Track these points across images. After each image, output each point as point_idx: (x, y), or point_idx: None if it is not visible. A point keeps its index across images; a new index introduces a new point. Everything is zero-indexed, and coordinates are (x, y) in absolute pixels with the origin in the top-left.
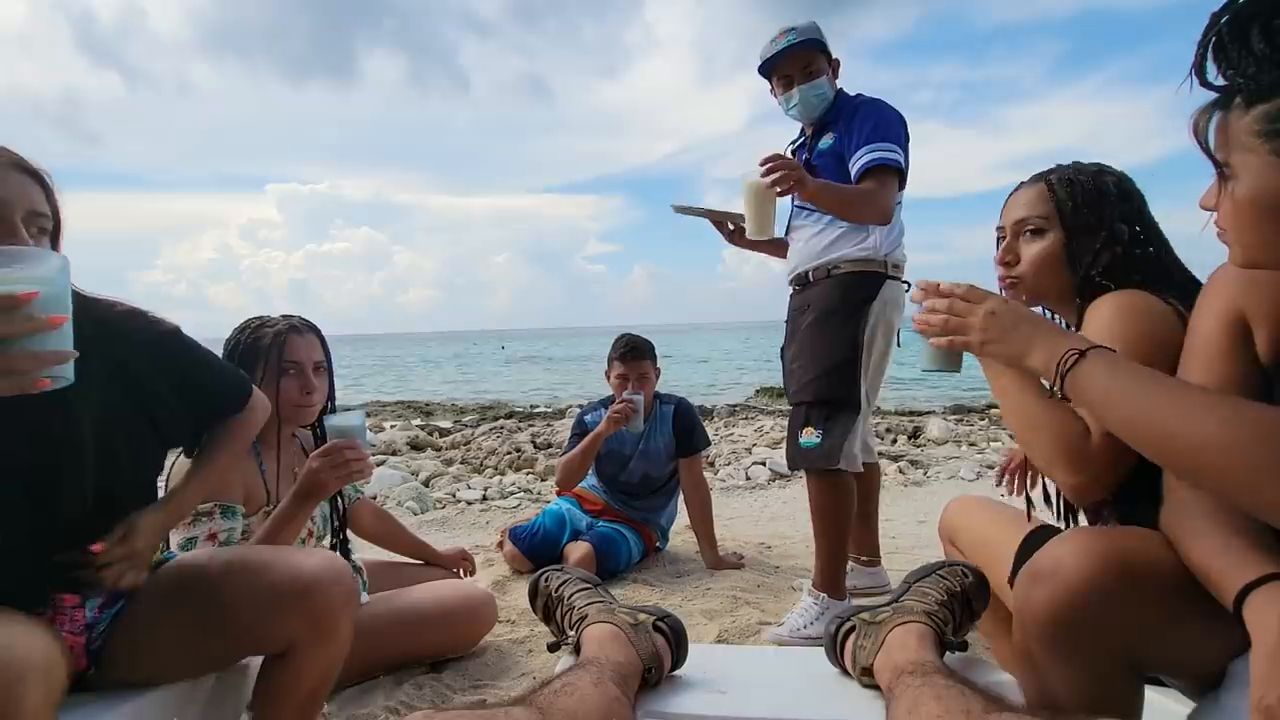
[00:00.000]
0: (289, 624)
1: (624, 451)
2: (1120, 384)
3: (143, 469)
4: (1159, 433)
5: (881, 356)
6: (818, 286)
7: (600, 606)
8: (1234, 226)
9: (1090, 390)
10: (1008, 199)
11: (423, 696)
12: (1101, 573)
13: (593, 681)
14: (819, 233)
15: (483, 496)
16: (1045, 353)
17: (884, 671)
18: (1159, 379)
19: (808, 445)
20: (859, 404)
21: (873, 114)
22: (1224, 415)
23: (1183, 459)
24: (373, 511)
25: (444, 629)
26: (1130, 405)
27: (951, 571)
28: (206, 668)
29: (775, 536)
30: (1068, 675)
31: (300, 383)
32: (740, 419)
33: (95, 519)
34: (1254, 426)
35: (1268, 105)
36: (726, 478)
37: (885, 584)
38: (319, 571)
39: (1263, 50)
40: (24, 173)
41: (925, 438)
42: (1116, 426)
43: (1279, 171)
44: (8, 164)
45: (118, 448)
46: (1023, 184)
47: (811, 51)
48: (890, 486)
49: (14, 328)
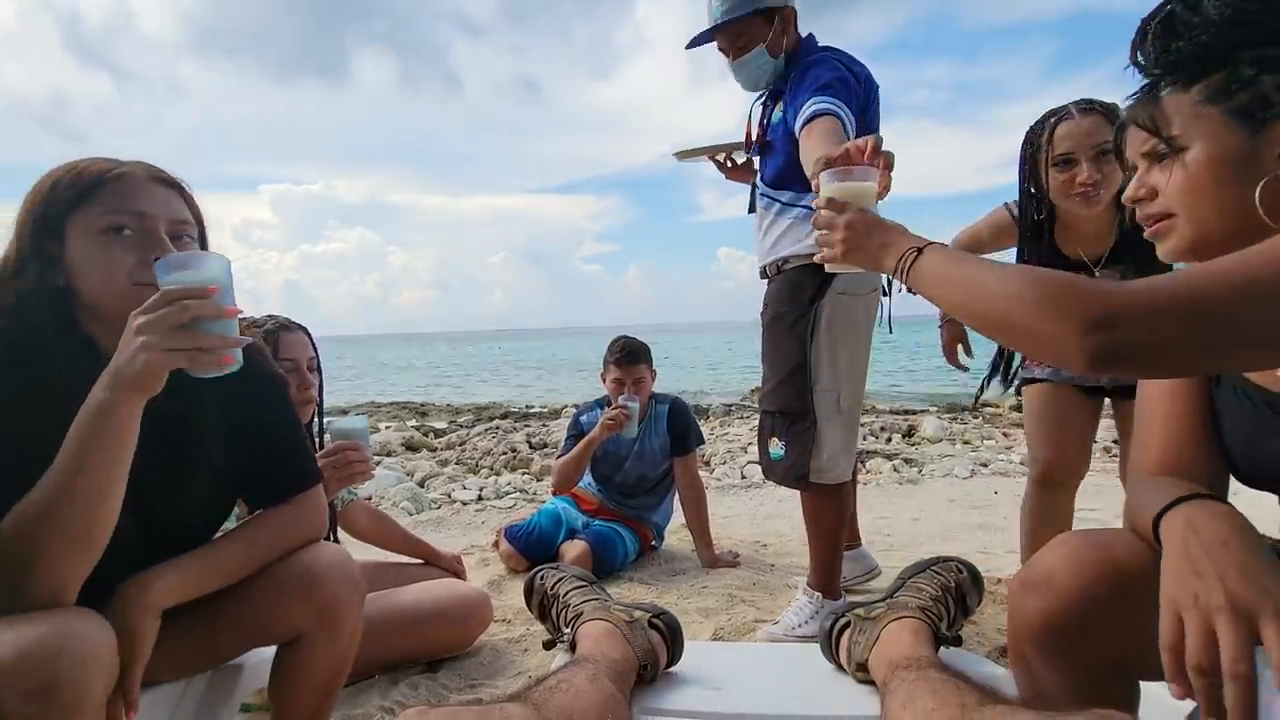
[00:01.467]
0: (295, 613)
1: (620, 453)
2: (951, 271)
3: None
4: (980, 305)
5: (850, 356)
6: (773, 284)
7: (596, 604)
8: (1188, 200)
9: (927, 278)
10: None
11: (418, 696)
12: (1094, 581)
13: (588, 678)
14: (770, 224)
15: (478, 497)
16: (894, 254)
17: (879, 666)
18: (981, 263)
19: (775, 457)
20: (813, 415)
21: (809, 76)
22: (1023, 276)
23: (994, 320)
24: (367, 512)
25: (440, 628)
26: (959, 286)
27: (946, 567)
28: (212, 660)
29: (771, 535)
30: (1062, 681)
31: (297, 380)
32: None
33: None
34: (1040, 280)
35: (1209, 79)
36: (722, 476)
37: (873, 566)
38: (326, 562)
39: (1191, 33)
40: (163, 184)
41: (919, 436)
42: (951, 307)
43: (1235, 130)
44: (147, 177)
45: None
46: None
47: (740, 24)
48: (885, 485)
49: (205, 311)
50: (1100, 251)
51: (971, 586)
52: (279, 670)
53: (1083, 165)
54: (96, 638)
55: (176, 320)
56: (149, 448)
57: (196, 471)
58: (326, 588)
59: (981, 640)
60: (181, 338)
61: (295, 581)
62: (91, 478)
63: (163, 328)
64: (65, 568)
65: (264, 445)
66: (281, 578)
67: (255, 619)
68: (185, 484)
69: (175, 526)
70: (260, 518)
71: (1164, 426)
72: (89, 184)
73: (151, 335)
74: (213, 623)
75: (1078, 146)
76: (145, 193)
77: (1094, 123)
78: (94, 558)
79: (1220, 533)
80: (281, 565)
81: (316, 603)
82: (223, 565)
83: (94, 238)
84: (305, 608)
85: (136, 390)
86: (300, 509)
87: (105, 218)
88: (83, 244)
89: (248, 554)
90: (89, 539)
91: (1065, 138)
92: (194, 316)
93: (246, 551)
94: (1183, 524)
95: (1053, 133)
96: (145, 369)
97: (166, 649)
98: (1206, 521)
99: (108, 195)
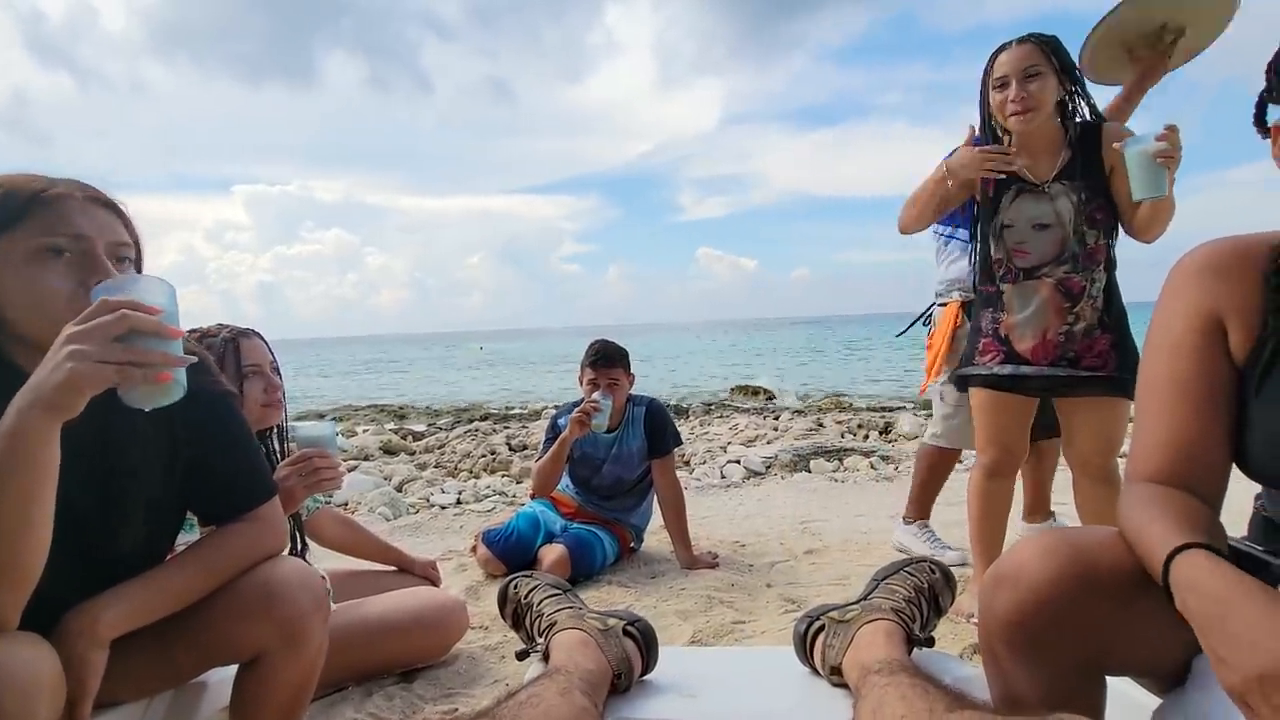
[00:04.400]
0: (255, 631)
1: (597, 455)
2: None
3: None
4: None
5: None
6: None
7: (570, 613)
8: None
9: None
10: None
11: (393, 707)
12: (1064, 576)
13: (559, 691)
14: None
15: (457, 500)
16: None
17: (852, 670)
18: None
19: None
20: None
21: None
22: None
23: None
24: (335, 519)
25: (414, 637)
26: None
27: (919, 568)
28: (171, 681)
29: (750, 535)
30: (1031, 676)
31: (264, 383)
32: (715, 417)
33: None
34: None
35: None
36: (701, 476)
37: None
38: (286, 577)
39: None
40: (102, 205)
41: (896, 433)
42: None
43: None
44: (86, 199)
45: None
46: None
47: None
48: (862, 482)
49: (144, 325)
50: (1052, 167)
51: (944, 587)
52: (240, 690)
53: (1013, 84)
54: (39, 665)
55: (113, 330)
56: (84, 475)
57: (136, 498)
58: (287, 604)
59: (955, 638)
60: (115, 350)
61: (255, 598)
62: (7, 507)
63: (96, 338)
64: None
65: (214, 463)
66: (241, 594)
67: (214, 638)
68: (125, 511)
69: (121, 552)
70: (215, 536)
71: (1169, 430)
72: (20, 204)
73: (84, 344)
74: (171, 642)
75: (1011, 70)
76: (82, 213)
77: (1026, 51)
78: (27, 588)
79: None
80: (241, 581)
81: (277, 620)
82: (175, 589)
83: (25, 261)
84: (265, 625)
85: (52, 410)
86: (256, 524)
87: (39, 239)
88: (12, 269)
89: (202, 576)
90: (17, 569)
91: (1003, 64)
92: (130, 328)
93: (201, 573)
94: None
95: (993, 60)
96: (67, 382)
97: (124, 669)
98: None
99: (41, 216)
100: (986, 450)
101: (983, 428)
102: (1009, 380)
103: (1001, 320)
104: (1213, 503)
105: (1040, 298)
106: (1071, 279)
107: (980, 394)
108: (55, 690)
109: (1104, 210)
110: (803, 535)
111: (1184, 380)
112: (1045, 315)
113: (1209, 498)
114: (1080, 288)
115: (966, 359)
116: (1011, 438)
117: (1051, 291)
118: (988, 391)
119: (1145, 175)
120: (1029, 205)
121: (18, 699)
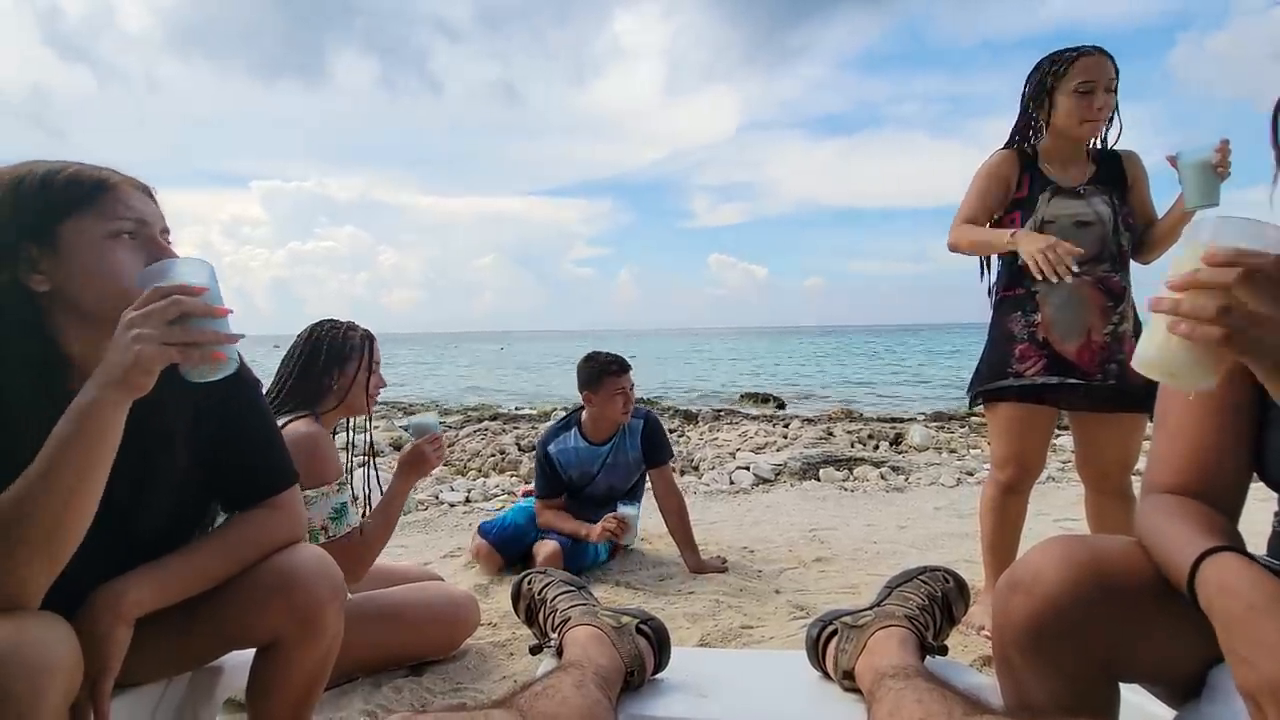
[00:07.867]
0: (272, 617)
1: (591, 470)
2: None
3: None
4: None
5: None
6: None
7: (583, 609)
8: None
9: None
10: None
11: (402, 700)
12: (1079, 582)
13: (574, 684)
14: None
15: (466, 499)
16: None
17: (865, 675)
18: None
19: None
20: None
21: None
22: None
23: None
24: None
25: (425, 631)
26: None
27: (932, 577)
28: (189, 664)
29: (758, 541)
30: (1046, 682)
31: (379, 380)
32: (725, 423)
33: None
34: None
35: None
36: (710, 482)
37: None
38: (304, 565)
39: None
40: (145, 193)
41: (907, 444)
42: None
43: None
44: (134, 187)
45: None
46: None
47: None
48: (872, 492)
49: (194, 308)
50: (1083, 175)
51: (958, 596)
52: (256, 675)
53: (1099, 93)
54: (54, 645)
55: (168, 314)
56: (118, 459)
57: (165, 477)
58: (305, 591)
59: (966, 648)
60: (174, 332)
61: (273, 584)
62: (68, 478)
63: (155, 322)
64: (29, 571)
65: (238, 448)
66: (259, 580)
67: (232, 622)
68: (155, 489)
69: (148, 531)
70: (237, 520)
71: (1188, 441)
72: (88, 189)
73: (145, 329)
74: (189, 625)
75: (1099, 78)
76: (138, 200)
77: (1107, 63)
78: (61, 562)
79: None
80: (259, 567)
81: (295, 606)
82: (199, 571)
83: (99, 244)
84: (283, 611)
85: (125, 388)
86: (277, 511)
87: (111, 223)
88: (90, 247)
89: (224, 559)
90: (57, 542)
91: (1090, 69)
92: (182, 311)
93: (223, 556)
94: (1217, 587)
95: (1073, 63)
96: (137, 363)
97: (143, 651)
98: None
99: (108, 201)
100: (1005, 467)
101: (1006, 443)
102: (1050, 391)
103: (1037, 322)
104: (1231, 514)
105: (1079, 295)
106: (1111, 278)
107: (1010, 408)
108: (71, 672)
109: (1132, 218)
110: (812, 543)
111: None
112: (1087, 313)
113: (1227, 509)
114: (1121, 288)
115: (995, 370)
116: (1035, 455)
117: (1092, 290)
118: (1020, 405)
119: (1202, 183)
120: (1068, 203)
121: (26, 681)
